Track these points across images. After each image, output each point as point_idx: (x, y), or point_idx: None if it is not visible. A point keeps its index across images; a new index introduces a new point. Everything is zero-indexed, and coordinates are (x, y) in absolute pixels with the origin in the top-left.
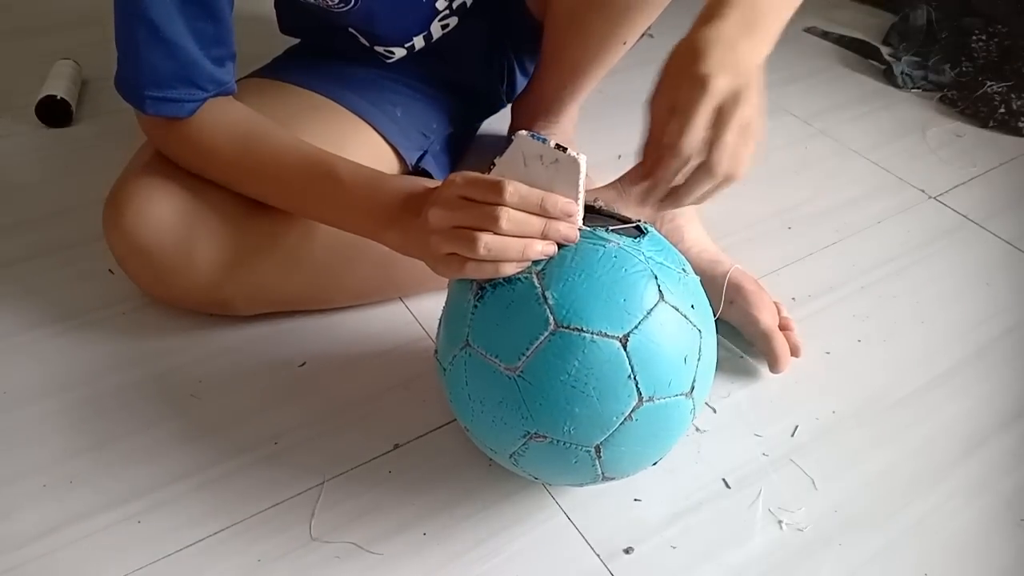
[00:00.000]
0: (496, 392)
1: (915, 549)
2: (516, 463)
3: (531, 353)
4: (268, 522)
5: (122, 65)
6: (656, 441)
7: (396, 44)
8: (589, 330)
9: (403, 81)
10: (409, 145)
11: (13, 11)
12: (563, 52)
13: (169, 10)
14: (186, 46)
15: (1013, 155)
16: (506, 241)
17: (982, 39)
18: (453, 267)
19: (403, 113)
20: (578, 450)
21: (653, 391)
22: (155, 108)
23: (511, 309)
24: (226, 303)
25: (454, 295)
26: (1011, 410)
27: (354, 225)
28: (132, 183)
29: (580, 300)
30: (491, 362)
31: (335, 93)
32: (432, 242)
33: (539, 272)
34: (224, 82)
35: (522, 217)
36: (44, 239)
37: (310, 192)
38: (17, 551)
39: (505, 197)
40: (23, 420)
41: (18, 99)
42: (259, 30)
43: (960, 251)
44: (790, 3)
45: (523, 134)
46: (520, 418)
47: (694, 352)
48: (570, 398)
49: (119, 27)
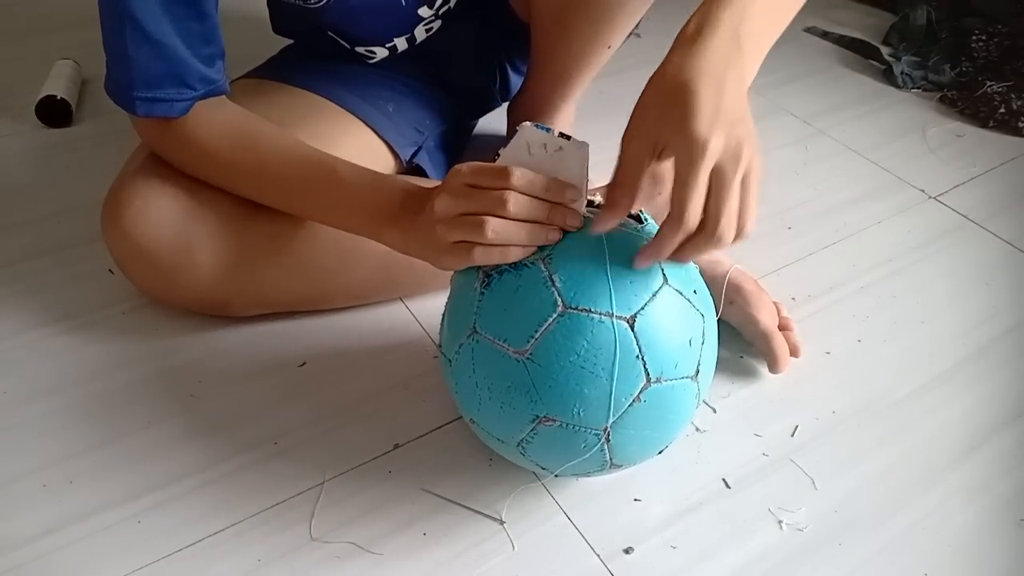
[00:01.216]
0: (505, 377)
1: (915, 549)
2: (524, 451)
3: (540, 335)
4: (268, 522)
5: (111, 69)
6: (663, 424)
7: (376, 44)
8: (597, 311)
9: (394, 78)
10: (403, 141)
11: (13, 11)
12: (550, 57)
13: (154, 10)
14: (173, 45)
15: (1013, 155)
16: (513, 225)
17: (982, 39)
18: (460, 255)
19: (395, 109)
20: (587, 434)
21: (660, 372)
22: (145, 109)
23: (519, 294)
24: (225, 304)
25: (459, 287)
26: (1011, 410)
27: (354, 225)
28: (130, 184)
29: (587, 282)
30: (499, 347)
31: (328, 91)
32: (438, 231)
33: (545, 258)
34: (214, 80)
35: (528, 201)
36: (44, 239)
37: (309, 192)
38: (17, 551)
39: (512, 181)
40: (23, 420)
41: (18, 99)
42: (253, 31)
43: (960, 251)
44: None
45: (527, 124)
46: (529, 402)
47: (698, 335)
48: (579, 379)
49: (106, 30)
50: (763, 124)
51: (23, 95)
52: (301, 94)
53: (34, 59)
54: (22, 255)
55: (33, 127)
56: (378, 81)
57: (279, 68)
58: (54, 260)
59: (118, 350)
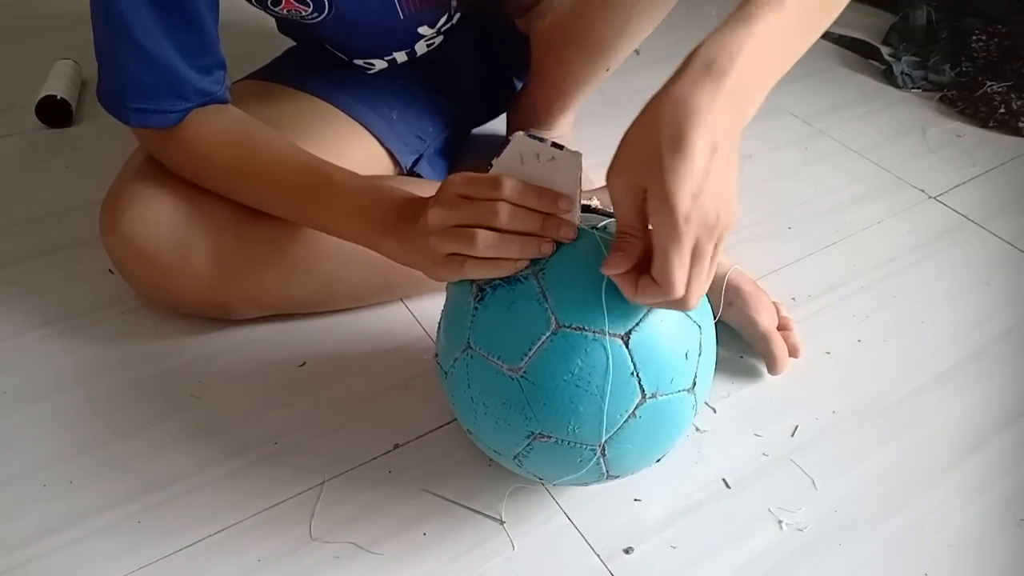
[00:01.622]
0: (499, 393)
1: (915, 549)
2: (520, 464)
3: (533, 353)
4: (268, 522)
5: (103, 78)
6: (660, 438)
7: (374, 57)
8: (591, 329)
9: (399, 84)
10: (404, 149)
11: (13, 11)
12: (547, 75)
13: (148, 23)
14: (168, 58)
15: (1013, 155)
16: (505, 238)
17: (982, 39)
18: (452, 268)
19: (399, 116)
20: (583, 449)
21: (656, 388)
22: (138, 119)
23: (512, 310)
24: (224, 307)
25: (453, 298)
26: (1011, 410)
27: (351, 233)
28: (129, 188)
29: (581, 299)
30: (493, 363)
31: (331, 96)
32: (431, 243)
33: (539, 272)
34: (210, 92)
35: (521, 213)
36: (44, 239)
37: (308, 200)
38: (17, 551)
39: (504, 192)
40: (23, 420)
41: (18, 99)
42: (259, 30)
43: (960, 251)
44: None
45: (520, 134)
46: (524, 419)
47: (695, 348)
48: (574, 397)
49: (99, 40)
50: (763, 124)
51: (23, 95)
52: (304, 98)
53: (34, 59)
54: (22, 255)
55: (33, 127)
56: (384, 88)
57: (283, 71)
58: (54, 260)
59: (118, 350)
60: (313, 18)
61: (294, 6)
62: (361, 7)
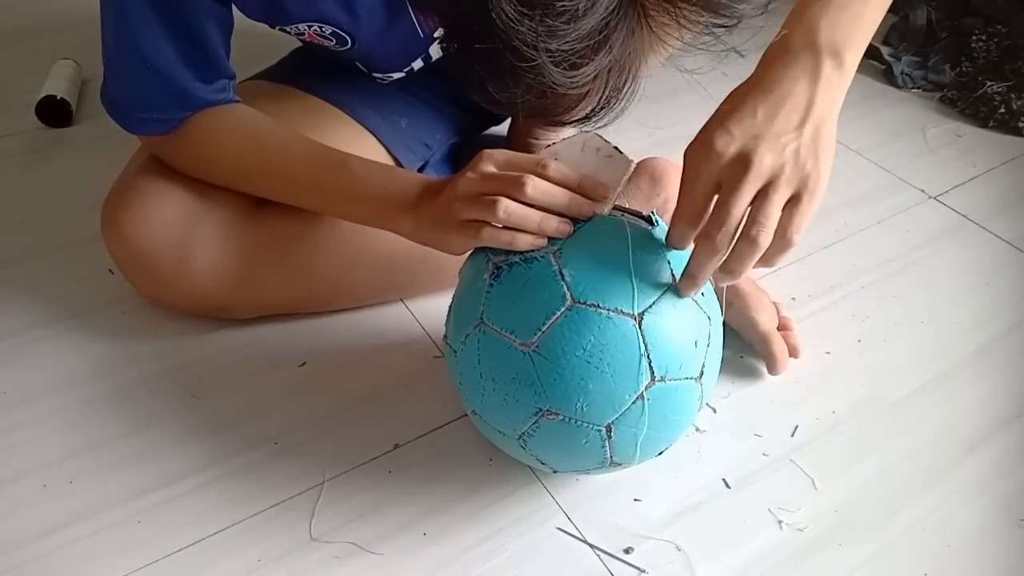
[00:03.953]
0: (510, 368)
1: (915, 549)
2: (524, 445)
3: (547, 328)
4: (268, 522)
5: (109, 87)
6: (665, 424)
7: (394, 71)
8: (605, 307)
9: (412, 91)
10: (410, 156)
11: (13, 11)
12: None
13: (158, 40)
14: (177, 76)
15: (1013, 155)
16: (526, 210)
17: (982, 39)
18: (469, 233)
19: (408, 124)
20: (589, 429)
21: (665, 371)
22: (141, 128)
23: (528, 286)
24: (225, 308)
25: (467, 279)
26: (1011, 410)
27: (366, 215)
28: (130, 187)
29: (596, 277)
30: (506, 338)
31: (339, 99)
32: (454, 208)
33: (556, 251)
34: (216, 101)
35: (550, 188)
36: (44, 239)
37: (322, 186)
38: (17, 551)
39: (549, 171)
40: (23, 420)
41: (18, 99)
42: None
43: (960, 251)
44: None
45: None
46: (533, 394)
47: (704, 338)
48: (584, 373)
49: (108, 52)
50: None
51: (23, 95)
52: (311, 100)
53: (34, 59)
54: (22, 255)
55: (33, 127)
56: (396, 94)
57: (292, 71)
58: (54, 260)
59: (118, 350)
60: (336, 49)
61: (317, 39)
62: (384, 36)
